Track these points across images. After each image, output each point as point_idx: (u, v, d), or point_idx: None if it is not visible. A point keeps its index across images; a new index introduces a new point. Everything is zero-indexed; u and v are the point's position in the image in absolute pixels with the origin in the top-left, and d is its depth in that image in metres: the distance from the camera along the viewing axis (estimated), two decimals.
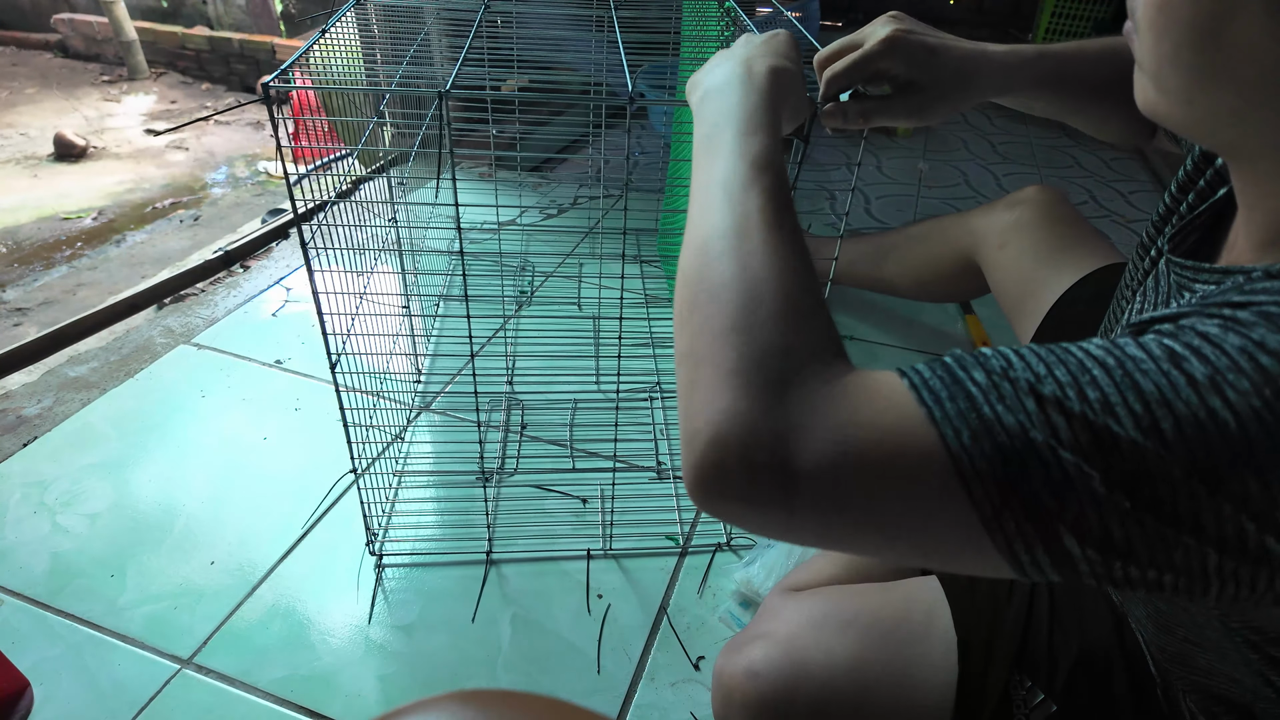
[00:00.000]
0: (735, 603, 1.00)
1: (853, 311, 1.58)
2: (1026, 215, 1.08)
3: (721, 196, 0.45)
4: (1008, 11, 3.17)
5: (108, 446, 1.22)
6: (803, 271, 0.41)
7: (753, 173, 0.46)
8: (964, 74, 0.65)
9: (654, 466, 1.20)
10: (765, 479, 0.34)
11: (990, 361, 0.35)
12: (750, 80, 0.53)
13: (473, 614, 0.99)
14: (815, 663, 0.63)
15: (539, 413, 1.30)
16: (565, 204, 1.97)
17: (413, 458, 1.22)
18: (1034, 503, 0.32)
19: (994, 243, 1.10)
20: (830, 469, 0.34)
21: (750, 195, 0.44)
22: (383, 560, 1.05)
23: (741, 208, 0.44)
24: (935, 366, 0.36)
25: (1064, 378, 0.33)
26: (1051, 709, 0.60)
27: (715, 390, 0.36)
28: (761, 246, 0.41)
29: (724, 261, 0.41)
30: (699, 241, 0.44)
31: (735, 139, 0.48)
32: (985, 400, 0.33)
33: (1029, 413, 0.33)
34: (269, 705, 0.89)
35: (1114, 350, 0.34)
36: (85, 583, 1.01)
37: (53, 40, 3.80)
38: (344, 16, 0.97)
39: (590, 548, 1.07)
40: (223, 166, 2.59)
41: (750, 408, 0.35)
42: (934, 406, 0.34)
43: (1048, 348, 0.35)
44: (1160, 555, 0.32)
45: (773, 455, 0.34)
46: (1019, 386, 0.33)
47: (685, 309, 0.42)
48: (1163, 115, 0.42)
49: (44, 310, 1.73)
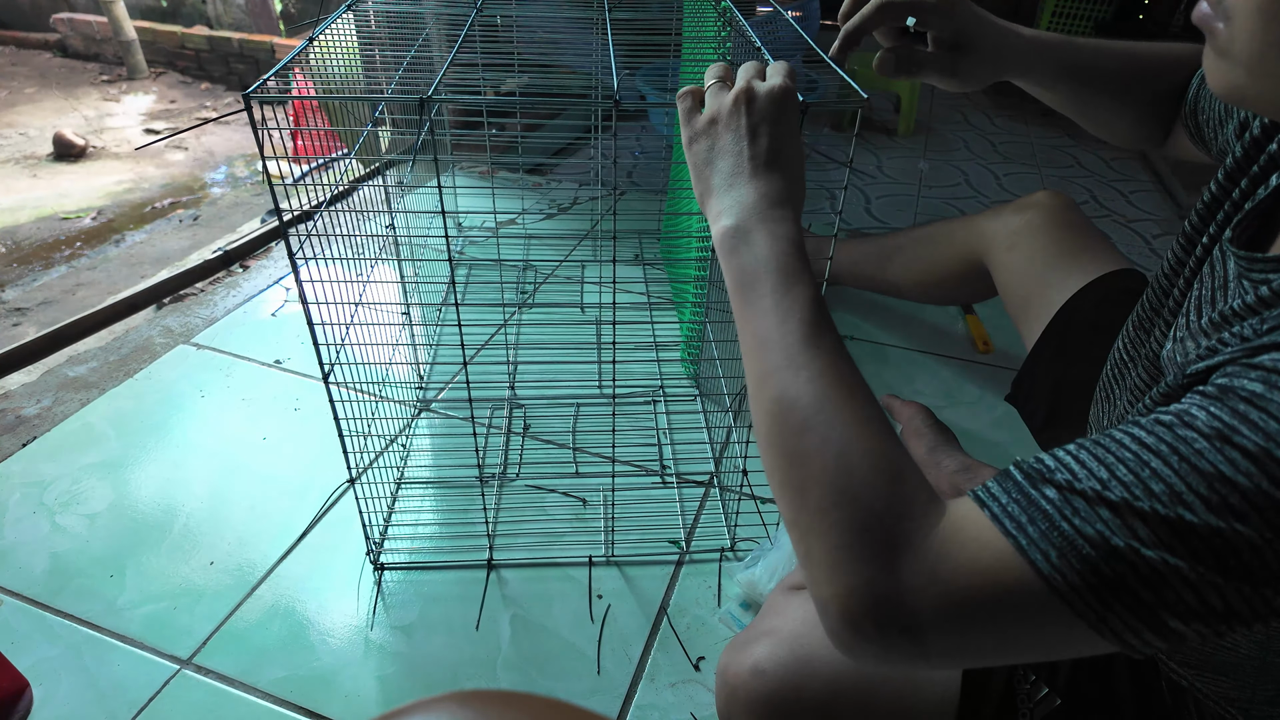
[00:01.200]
0: (736, 604, 1.00)
1: (854, 311, 1.58)
2: (1036, 219, 1.08)
3: (782, 360, 0.46)
4: (1008, 11, 3.17)
5: (107, 446, 1.22)
6: (880, 427, 0.43)
7: (809, 332, 0.47)
8: (1000, 46, 0.67)
9: (658, 471, 1.20)
10: (896, 641, 0.39)
11: (1055, 475, 0.38)
12: (773, 217, 0.51)
13: (474, 617, 0.99)
14: (821, 659, 0.63)
15: (541, 416, 1.30)
16: (565, 204, 1.97)
17: (412, 465, 1.22)
18: (1132, 600, 0.35)
19: (1003, 245, 1.11)
20: (949, 620, 0.38)
21: (814, 359, 0.46)
22: (381, 564, 1.05)
23: (807, 372, 0.45)
24: (1008, 488, 0.39)
25: (1126, 478, 0.36)
26: (1055, 703, 0.60)
27: (830, 568, 0.40)
28: (839, 414, 0.43)
29: (807, 435, 0.43)
30: (772, 407, 0.46)
31: (779, 296, 0.48)
32: (1062, 517, 0.36)
33: (1105, 521, 0.35)
34: (269, 705, 0.88)
35: (1165, 435, 0.36)
36: (84, 583, 1.01)
37: (52, 40, 3.80)
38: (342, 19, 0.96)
39: (592, 554, 1.07)
40: (222, 166, 2.59)
41: (866, 584, 0.39)
42: (1018, 535, 0.37)
43: (1101, 445, 0.38)
44: (1263, 609, 0.34)
45: (896, 621, 0.38)
46: (1088, 498, 0.36)
47: (777, 479, 0.45)
48: (1252, 98, 0.44)
49: (43, 310, 1.73)
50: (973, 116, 2.68)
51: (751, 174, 0.52)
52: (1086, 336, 0.93)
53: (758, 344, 0.48)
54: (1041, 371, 0.99)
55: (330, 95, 0.71)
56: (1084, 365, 0.87)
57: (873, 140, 2.47)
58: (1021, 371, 1.03)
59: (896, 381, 1.41)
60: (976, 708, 0.61)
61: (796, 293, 0.48)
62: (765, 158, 0.53)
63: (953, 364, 1.46)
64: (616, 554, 1.07)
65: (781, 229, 0.51)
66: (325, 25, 0.88)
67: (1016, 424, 0.99)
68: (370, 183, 1.54)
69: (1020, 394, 1.04)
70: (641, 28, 1.35)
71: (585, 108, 0.57)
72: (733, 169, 0.53)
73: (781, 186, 0.52)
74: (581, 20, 1.40)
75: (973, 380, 1.42)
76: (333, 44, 0.94)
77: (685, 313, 1.40)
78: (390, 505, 1.13)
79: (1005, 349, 1.50)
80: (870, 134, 2.51)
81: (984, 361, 1.47)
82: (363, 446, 0.99)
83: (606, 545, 1.08)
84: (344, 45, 1.03)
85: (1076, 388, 0.87)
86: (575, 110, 2.11)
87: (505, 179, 2.09)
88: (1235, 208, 0.55)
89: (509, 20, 1.35)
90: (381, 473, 1.12)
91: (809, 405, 0.44)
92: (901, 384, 1.39)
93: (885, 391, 1.33)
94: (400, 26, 1.16)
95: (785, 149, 0.53)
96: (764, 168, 0.53)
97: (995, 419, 1.32)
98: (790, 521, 0.44)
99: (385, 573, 1.04)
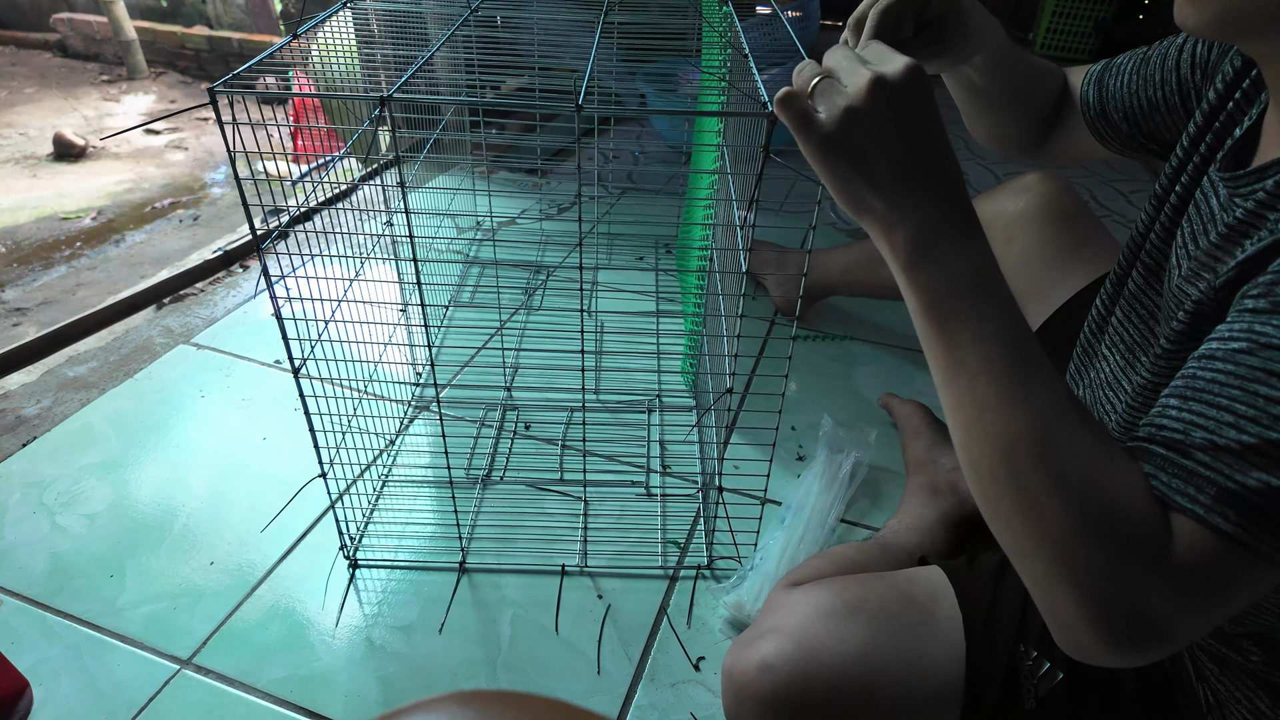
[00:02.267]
0: (726, 625, 0.99)
1: (853, 311, 1.58)
2: (1034, 205, 1.04)
3: (1000, 392, 0.44)
4: (1008, 11, 3.17)
5: (107, 446, 1.22)
6: (1107, 444, 0.43)
7: (1021, 356, 0.44)
8: (973, 23, 0.67)
9: (642, 482, 1.20)
10: (1151, 647, 0.41)
11: (1193, 435, 0.41)
12: (957, 224, 0.46)
13: (474, 617, 0.99)
14: (828, 651, 0.63)
15: (535, 421, 1.30)
16: (565, 204, 1.97)
17: (400, 464, 1.22)
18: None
19: (1001, 236, 1.07)
20: (1192, 628, 0.41)
21: (1033, 385, 0.44)
22: (355, 561, 1.05)
23: (1029, 403, 0.43)
24: (1170, 468, 0.42)
25: (1249, 413, 0.39)
26: (1058, 676, 0.61)
27: (1081, 593, 0.41)
28: (1071, 443, 0.42)
29: (1040, 469, 0.42)
30: (999, 443, 0.44)
31: (982, 320, 0.45)
32: (1223, 477, 0.40)
33: (1257, 465, 0.39)
34: (268, 705, 0.88)
35: (1255, 361, 0.40)
36: (84, 583, 1.01)
37: (52, 40, 3.80)
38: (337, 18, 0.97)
39: (591, 555, 1.07)
40: (222, 166, 2.59)
41: (1126, 609, 0.41)
42: (1214, 518, 0.40)
43: (1207, 391, 0.41)
44: None
45: (1155, 634, 0.40)
46: (1233, 451, 0.40)
47: (1005, 511, 0.44)
48: (1247, 12, 0.45)
49: (43, 310, 1.73)
50: None
51: (925, 175, 0.46)
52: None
53: (965, 373, 0.45)
54: None
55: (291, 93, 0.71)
56: None
57: None
58: None
59: (896, 381, 1.40)
60: (981, 690, 0.61)
61: (999, 312, 0.45)
62: (930, 154, 0.46)
63: None
64: (616, 556, 1.07)
65: (968, 238, 0.46)
66: (311, 25, 0.88)
67: None
68: (341, 199, 1.54)
69: None
70: (645, 30, 1.35)
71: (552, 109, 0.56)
72: (895, 173, 0.46)
73: (955, 184, 0.47)
74: (581, 21, 1.40)
75: None
76: (322, 42, 0.93)
77: (688, 321, 1.40)
78: (373, 502, 1.13)
79: None
80: None
81: None
82: (342, 442, 0.99)
83: (607, 546, 1.08)
84: (335, 44, 1.03)
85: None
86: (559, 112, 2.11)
87: (505, 179, 2.09)
88: (1211, 150, 0.59)
89: (509, 20, 1.35)
90: (360, 469, 1.11)
91: (1041, 439, 0.42)
92: (901, 384, 1.39)
93: (885, 391, 1.33)
94: (396, 25, 1.16)
95: (941, 136, 0.47)
96: (932, 166, 0.46)
97: None
98: (1021, 551, 0.43)
99: (386, 572, 1.04)
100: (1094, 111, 0.77)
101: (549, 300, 1.60)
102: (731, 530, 1.07)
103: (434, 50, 0.81)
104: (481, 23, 1.16)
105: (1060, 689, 0.61)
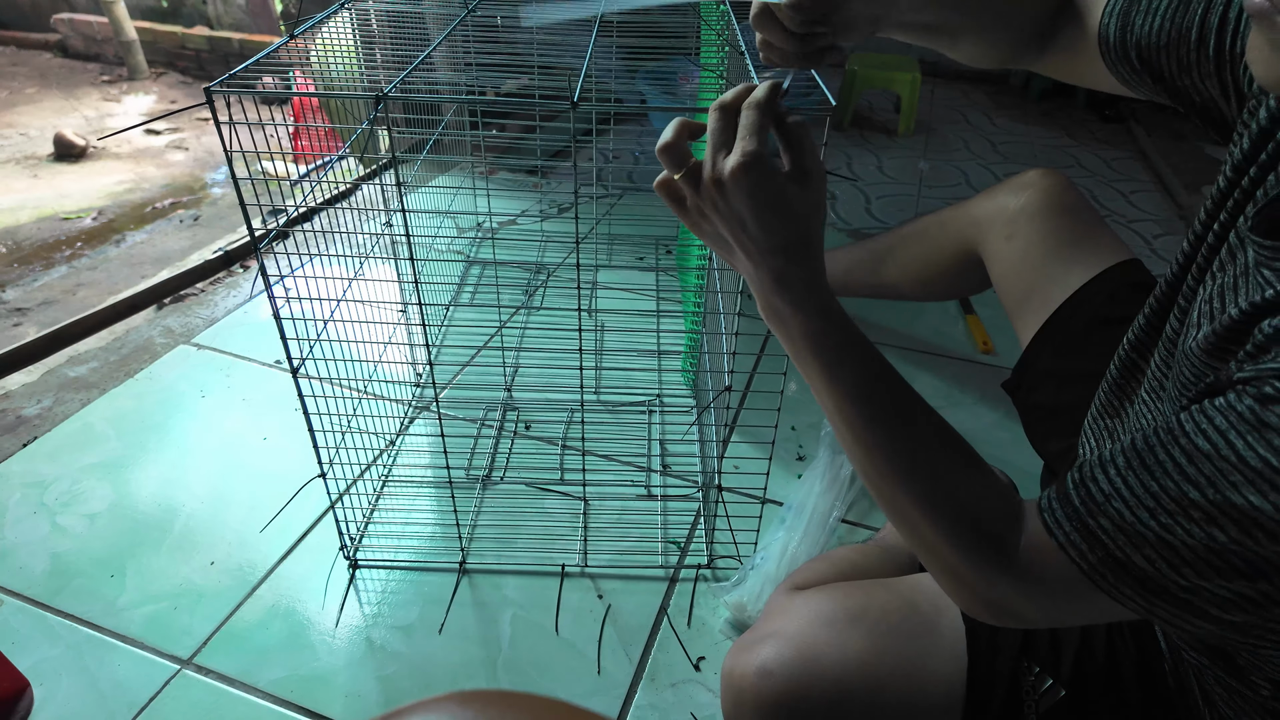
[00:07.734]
0: (727, 625, 0.99)
1: (854, 311, 1.57)
2: (1035, 202, 1.03)
3: (853, 437, 0.53)
4: None
5: (107, 446, 1.22)
6: (955, 459, 0.52)
7: (867, 410, 0.53)
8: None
9: (643, 482, 1.20)
10: (1011, 622, 0.51)
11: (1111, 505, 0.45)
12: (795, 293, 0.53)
13: (474, 617, 0.99)
14: (828, 658, 0.63)
15: (535, 420, 1.30)
16: (565, 204, 1.97)
17: (400, 464, 1.22)
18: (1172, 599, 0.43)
19: (1001, 232, 1.05)
20: (1045, 614, 0.50)
21: (877, 431, 0.53)
22: (357, 563, 1.05)
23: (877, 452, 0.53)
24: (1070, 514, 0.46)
25: (1170, 507, 0.42)
26: (1060, 694, 0.60)
27: (947, 583, 0.52)
28: (917, 480, 0.51)
29: (899, 494, 0.52)
30: (861, 471, 0.54)
31: (829, 379, 0.54)
32: (1116, 547, 0.44)
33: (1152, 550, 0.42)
34: (269, 705, 0.88)
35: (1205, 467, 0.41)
36: (85, 583, 1.01)
37: (52, 40, 3.80)
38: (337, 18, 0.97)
39: (591, 556, 1.07)
40: (222, 166, 2.58)
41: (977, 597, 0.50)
42: (1081, 563, 0.45)
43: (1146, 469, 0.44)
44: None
45: (1010, 617, 0.50)
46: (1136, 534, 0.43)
47: (891, 518, 0.54)
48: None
49: (44, 310, 1.73)
50: (973, 116, 2.68)
51: (759, 258, 0.52)
52: (1094, 331, 0.92)
53: (829, 414, 0.55)
54: (1043, 365, 0.97)
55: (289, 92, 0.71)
56: (1089, 359, 0.86)
57: (873, 140, 2.47)
58: (1022, 363, 1.01)
59: None
60: (982, 702, 0.61)
61: (844, 372, 0.53)
62: (764, 239, 0.51)
63: (954, 364, 1.46)
64: (616, 556, 1.07)
65: (807, 304, 0.53)
66: (309, 25, 0.88)
67: (1017, 424, 0.99)
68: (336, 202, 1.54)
69: (1020, 385, 1.02)
70: (647, 30, 1.35)
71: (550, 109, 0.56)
72: (743, 255, 0.54)
73: (787, 258, 0.52)
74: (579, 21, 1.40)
75: (973, 381, 1.42)
76: (321, 42, 0.93)
77: (688, 321, 1.40)
78: (373, 503, 1.13)
79: (1006, 349, 1.50)
80: (870, 134, 2.51)
81: (985, 362, 1.47)
82: (341, 442, 0.99)
83: (607, 546, 1.08)
84: (333, 44, 1.03)
85: (1081, 382, 0.86)
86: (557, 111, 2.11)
87: (505, 179, 2.09)
88: (1245, 196, 0.53)
89: (509, 20, 1.35)
90: (360, 469, 1.11)
91: (891, 472, 0.52)
92: None
93: None
94: (395, 25, 1.16)
95: (778, 214, 0.51)
96: (769, 250, 0.52)
97: (996, 419, 1.32)
98: (910, 541, 0.53)
99: (386, 572, 1.04)
100: (1115, 54, 0.64)
101: (549, 300, 1.59)
102: (731, 530, 1.07)
103: (431, 48, 0.81)
104: (480, 23, 1.16)
105: (1062, 706, 0.60)
